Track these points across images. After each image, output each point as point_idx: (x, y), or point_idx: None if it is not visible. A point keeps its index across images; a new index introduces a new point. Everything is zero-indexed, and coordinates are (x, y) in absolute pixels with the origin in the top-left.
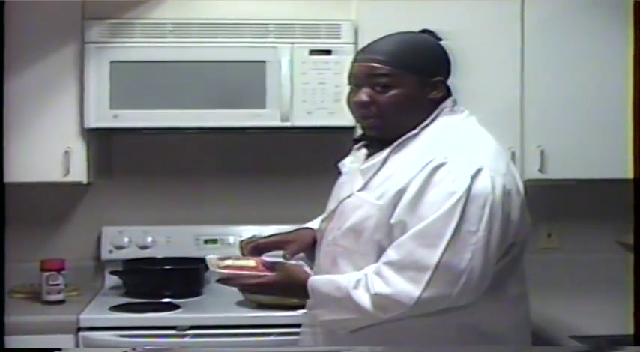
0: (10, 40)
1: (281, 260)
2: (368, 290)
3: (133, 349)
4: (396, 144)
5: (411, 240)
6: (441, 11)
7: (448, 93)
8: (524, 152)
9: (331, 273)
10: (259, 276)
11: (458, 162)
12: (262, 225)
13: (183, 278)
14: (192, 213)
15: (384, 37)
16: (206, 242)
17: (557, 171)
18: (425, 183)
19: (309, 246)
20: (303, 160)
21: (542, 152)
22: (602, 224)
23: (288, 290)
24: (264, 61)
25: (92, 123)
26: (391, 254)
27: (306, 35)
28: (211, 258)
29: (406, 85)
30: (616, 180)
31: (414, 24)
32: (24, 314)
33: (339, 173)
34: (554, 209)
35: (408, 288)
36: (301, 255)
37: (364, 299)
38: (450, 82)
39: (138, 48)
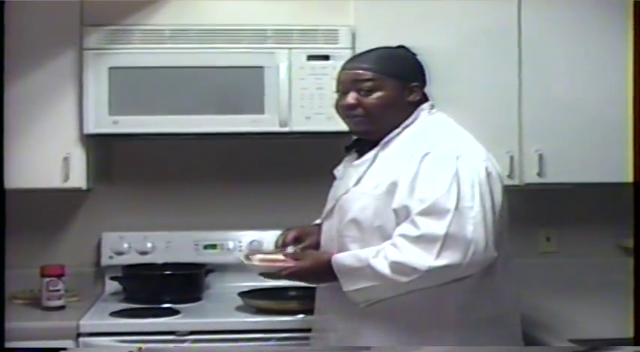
0: (8, 47)
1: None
2: (386, 258)
3: (139, 349)
4: (383, 142)
5: (419, 215)
6: (439, 16)
7: (425, 98)
8: (523, 156)
9: None
10: (291, 267)
11: (442, 150)
12: (262, 230)
13: (183, 283)
14: (192, 219)
15: (366, 50)
16: (205, 247)
17: (556, 175)
18: (417, 171)
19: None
20: (301, 165)
21: (540, 156)
22: (601, 228)
23: (317, 272)
24: (262, 67)
25: (91, 129)
26: (404, 227)
27: (303, 40)
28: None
29: (388, 88)
30: (614, 183)
31: (411, 29)
32: (24, 320)
33: (334, 179)
34: (553, 213)
35: (422, 256)
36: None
37: (383, 266)
38: (427, 89)
39: (136, 54)
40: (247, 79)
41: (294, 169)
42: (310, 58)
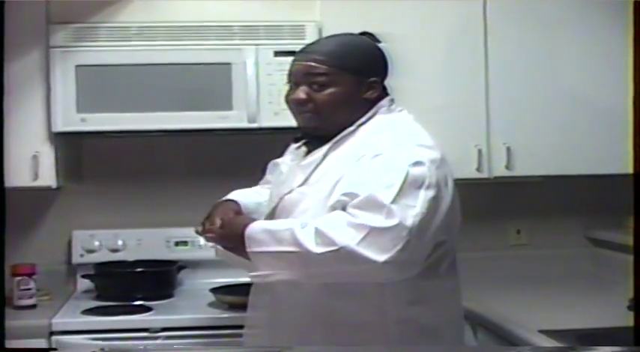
0: None
1: None
2: (308, 226)
3: (102, 349)
4: (334, 140)
5: (352, 207)
6: (404, 11)
7: (385, 92)
8: (491, 149)
9: None
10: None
11: (394, 154)
12: None
13: (154, 280)
14: (163, 216)
15: (324, 37)
16: (177, 244)
17: (524, 168)
18: (364, 168)
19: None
20: (270, 160)
21: (508, 149)
22: (570, 219)
23: (233, 234)
24: (229, 63)
25: (60, 127)
26: (353, 201)
27: (270, 36)
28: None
29: (342, 84)
30: (582, 176)
31: (377, 24)
32: None
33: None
34: (522, 206)
35: (348, 234)
36: None
37: (301, 233)
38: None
39: (103, 51)
40: (215, 75)
41: (264, 165)
42: (277, 53)
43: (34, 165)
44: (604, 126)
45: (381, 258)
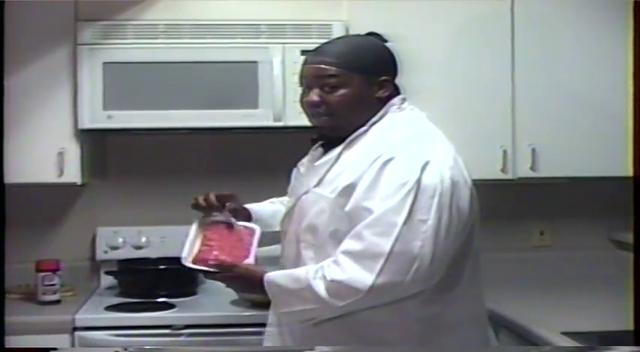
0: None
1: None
2: (324, 277)
3: (125, 349)
4: (348, 140)
5: (365, 229)
6: (431, 10)
7: (397, 91)
8: (516, 150)
9: (298, 267)
10: (220, 275)
11: (407, 156)
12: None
13: (177, 277)
14: (186, 213)
15: (332, 39)
16: None
17: (549, 169)
18: (376, 176)
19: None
20: (295, 159)
21: (533, 150)
22: (594, 221)
23: (249, 286)
24: (256, 62)
25: (86, 124)
26: (348, 243)
27: (297, 35)
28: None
29: (353, 84)
30: (607, 177)
31: (404, 23)
32: (20, 314)
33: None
34: (546, 207)
35: (362, 275)
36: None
37: (321, 287)
38: (400, 80)
39: (130, 49)
40: (241, 73)
41: (288, 163)
42: (304, 52)
43: (59, 161)
44: (629, 128)
45: (405, 277)
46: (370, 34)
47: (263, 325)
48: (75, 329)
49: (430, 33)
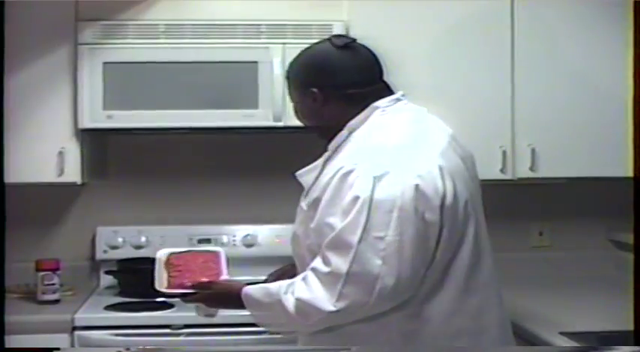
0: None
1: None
2: (293, 293)
3: (127, 349)
4: (332, 148)
5: (327, 249)
6: (431, 10)
7: (389, 91)
8: (515, 151)
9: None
10: (195, 295)
11: (364, 168)
12: (255, 224)
13: None
14: (186, 213)
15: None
16: (200, 241)
17: (548, 169)
18: (337, 189)
19: None
20: (295, 160)
21: (533, 151)
22: (593, 222)
23: (226, 301)
24: (256, 62)
25: (86, 123)
26: (317, 261)
27: (297, 35)
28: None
29: (296, 98)
30: (607, 178)
31: (404, 23)
32: (20, 313)
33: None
34: (545, 207)
35: (326, 295)
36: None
37: (290, 303)
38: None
39: (131, 49)
40: (241, 73)
41: (288, 164)
42: None
43: (59, 161)
44: (629, 128)
45: (368, 298)
46: (328, 39)
47: None
48: (74, 328)
49: (430, 33)
